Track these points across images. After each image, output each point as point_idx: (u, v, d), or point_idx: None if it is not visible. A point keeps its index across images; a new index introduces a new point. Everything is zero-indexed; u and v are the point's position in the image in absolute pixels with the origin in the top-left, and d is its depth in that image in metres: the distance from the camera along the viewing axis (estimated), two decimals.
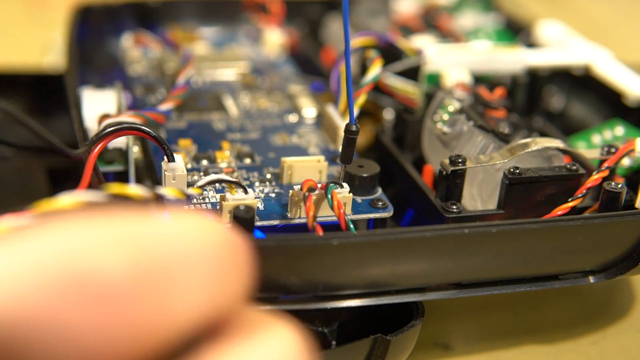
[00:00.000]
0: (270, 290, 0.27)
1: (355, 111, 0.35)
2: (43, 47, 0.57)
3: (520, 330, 0.34)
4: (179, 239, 0.17)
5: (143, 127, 0.30)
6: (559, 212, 0.32)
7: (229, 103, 0.40)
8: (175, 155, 0.31)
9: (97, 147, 0.29)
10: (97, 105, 0.35)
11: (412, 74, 0.40)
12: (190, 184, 0.31)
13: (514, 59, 0.41)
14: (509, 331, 0.34)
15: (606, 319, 0.35)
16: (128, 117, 0.33)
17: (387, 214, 0.32)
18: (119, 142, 0.33)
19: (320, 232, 0.29)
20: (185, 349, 0.17)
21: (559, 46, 0.46)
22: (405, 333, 0.29)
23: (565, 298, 0.36)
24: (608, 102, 0.42)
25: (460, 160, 0.32)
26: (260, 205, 0.31)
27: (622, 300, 0.37)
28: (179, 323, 0.16)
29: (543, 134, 0.39)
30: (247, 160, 0.35)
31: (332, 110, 0.37)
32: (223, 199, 0.29)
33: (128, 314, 0.16)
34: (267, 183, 0.33)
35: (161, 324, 0.16)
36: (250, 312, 0.18)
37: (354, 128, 0.29)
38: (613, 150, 0.33)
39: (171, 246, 0.17)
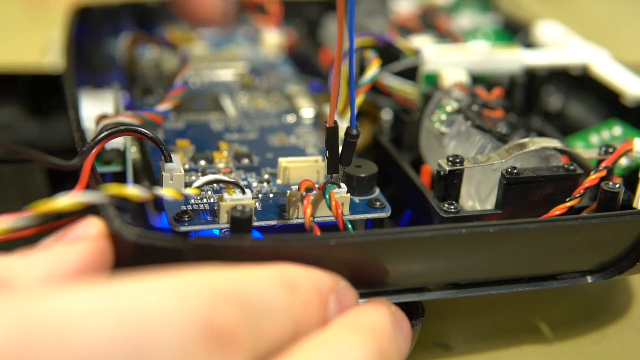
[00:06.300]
0: None
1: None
2: (43, 47, 0.57)
3: (520, 330, 0.34)
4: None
5: (140, 128, 0.30)
6: (557, 212, 0.32)
7: (227, 103, 0.40)
8: (173, 155, 0.31)
9: (94, 150, 0.29)
10: (95, 105, 0.35)
11: (410, 74, 0.40)
12: (188, 184, 0.31)
13: (512, 59, 0.41)
14: (509, 331, 0.34)
15: (606, 319, 0.35)
16: (126, 118, 0.33)
17: (385, 214, 0.32)
18: (117, 142, 0.33)
19: (318, 232, 0.29)
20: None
21: (557, 46, 0.46)
22: None
23: (565, 298, 0.36)
24: (606, 102, 0.42)
25: (458, 160, 0.32)
26: (258, 206, 0.31)
27: (621, 299, 0.37)
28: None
29: (541, 134, 0.39)
30: (245, 161, 0.35)
31: None
32: (221, 199, 0.29)
33: None
34: (265, 183, 0.33)
35: None
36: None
37: (354, 132, 0.29)
38: (611, 150, 0.33)
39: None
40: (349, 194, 0.31)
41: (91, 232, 0.24)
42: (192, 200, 0.31)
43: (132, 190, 0.26)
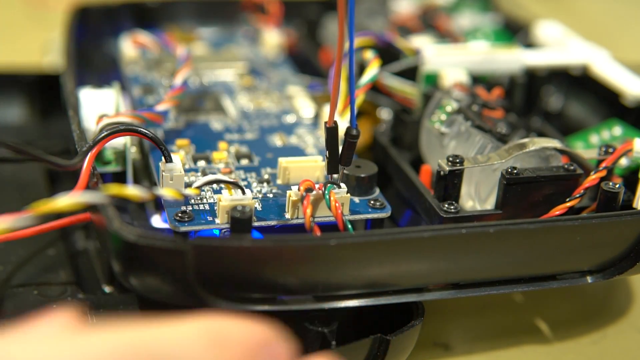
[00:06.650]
0: (268, 291, 0.27)
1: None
2: (43, 47, 0.57)
3: (520, 330, 0.34)
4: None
5: (140, 128, 0.30)
6: (557, 212, 0.32)
7: (227, 103, 0.40)
8: (172, 155, 0.31)
9: (94, 150, 0.29)
10: (96, 105, 0.35)
11: (410, 74, 0.40)
12: (187, 185, 0.31)
13: (512, 59, 0.41)
14: (509, 331, 0.34)
15: (606, 319, 0.35)
16: (125, 118, 0.33)
17: (384, 214, 0.32)
18: (117, 142, 0.33)
19: (318, 233, 0.29)
20: None
21: (557, 46, 0.46)
22: (405, 333, 0.29)
23: (565, 298, 0.36)
24: (606, 102, 0.42)
25: (458, 160, 0.32)
26: (258, 206, 0.31)
27: (621, 300, 0.37)
28: None
29: (541, 134, 0.39)
30: (245, 161, 0.35)
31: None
32: (220, 199, 0.29)
33: None
34: (265, 183, 0.33)
35: None
36: None
37: (354, 132, 0.29)
38: (611, 150, 0.33)
39: None
40: (349, 194, 0.31)
41: None
42: (192, 201, 0.31)
43: (132, 190, 0.26)
